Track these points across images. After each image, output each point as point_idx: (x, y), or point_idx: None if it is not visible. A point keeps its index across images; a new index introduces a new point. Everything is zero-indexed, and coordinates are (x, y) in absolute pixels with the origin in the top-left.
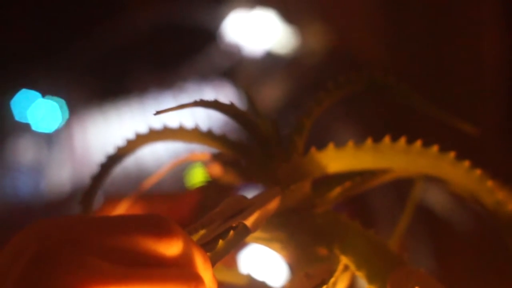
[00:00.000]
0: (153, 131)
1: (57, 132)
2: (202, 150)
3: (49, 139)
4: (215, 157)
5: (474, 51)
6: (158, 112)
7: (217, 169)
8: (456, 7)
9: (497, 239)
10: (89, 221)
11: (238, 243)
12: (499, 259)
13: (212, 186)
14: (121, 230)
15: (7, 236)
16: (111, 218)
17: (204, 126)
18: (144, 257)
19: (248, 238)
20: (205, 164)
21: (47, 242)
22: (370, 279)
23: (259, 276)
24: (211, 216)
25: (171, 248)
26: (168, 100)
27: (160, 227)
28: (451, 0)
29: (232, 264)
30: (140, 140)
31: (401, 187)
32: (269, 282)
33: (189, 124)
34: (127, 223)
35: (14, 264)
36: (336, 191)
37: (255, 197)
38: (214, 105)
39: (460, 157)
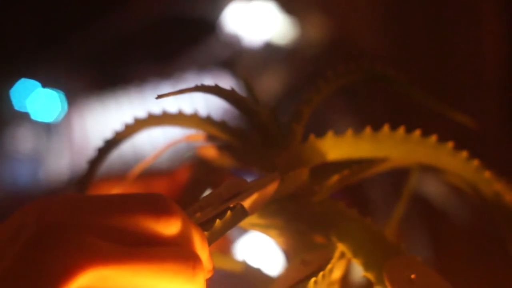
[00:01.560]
0: (152, 116)
1: (56, 121)
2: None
3: (48, 129)
4: (210, 139)
5: (475, 42)
6: (158, 96)
7: (211, 151)
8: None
9: (493, 229)
10: (89, 199)
11: (235, 224)
12: (495, 249)
13: (203, 166)
14: (120, 209)
15: None
16: (111, 196)
17: (202, 111)
18: (143, 236)
19: (246, 224)
20: (199, 145)
21: (46, 221)
22: (367, 267)
23: (254, 263)
24: (209, 197)
25: (170, 227)
26: (167, 90)
27: (159, 206)
28: None
29: (227, 250)
30: (138, 124)
31: (398, 176)
32: (264, 269)
33: (188, 110)
34: (126, 202)
35: (12, 243)
36: (334, 179)
37: (254, 181)
38: (214, 90)
39: (458, 147)
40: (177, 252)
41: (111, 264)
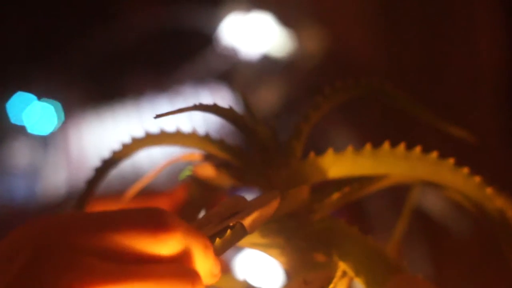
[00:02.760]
0: (150, 135)
1: (53, 134)
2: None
3: (44, 142)
4: (208, 158)
5: (471, 55)
6: (158, 116)
7: (209, 170)
8: (453, 12)
9: (494, 245)
10: (83, 217)
11: (235, 243)
12: (496, 265)
13: (199, 186)
14: (116, 227)
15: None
16: (106, 213)
17: (200, 129)
18: (139, 253)
19: (246, 243)
20: (197, 164)
21: (41, 243)
22: (369, 285)
23: (255, 282)
24: (209, 215)
25: (168, 242)
26: (164, 103)
27: (156, 222)
28: (448, 6)
29: (224, 270)
30: (136, 144)
31: (398, 192)
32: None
33: (186, 127)
34: (122, 219)
35: (8, 265)
36: (335, 196)
37: (254, 199)
38: (213, 109)
39: (459, 163)
40: (174, 270)
41: (106, 284)
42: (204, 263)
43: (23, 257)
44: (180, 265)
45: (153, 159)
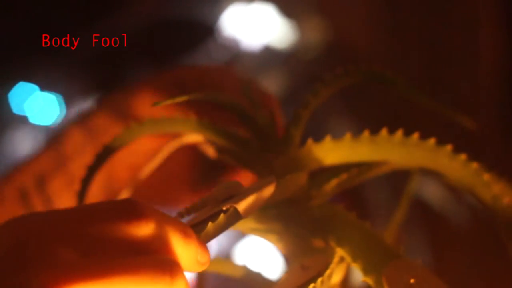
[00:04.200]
0: (150, 121)
1: (55, 125)
2: None
3: (46, 132)
4: (209, 142)
5: (472, 45)
6: (155, 104)
7: (210, 152)
8: (453, 2)
9: (493, 233)
10: (58, 213)
11: (228, 227)
12: (494, 253)
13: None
14: (90, 218)
15: None
16: (80, 207)
17: None
18: (116, 242)
19: (245, 228)
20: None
21: (20, 236)
22: (366, 271)
23: (255, 268)
24: (203, 199)
25: (142, 229)
26: None
27: (128, 210)
28: None
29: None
30: (137, 130)
31: (397, 180)
32: (265, 273)
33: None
34: (96, 210)
35: None
36: (333, 183)
37: (249, 185)
38: (212, 96)
39: (457, 150)
40: (150, 262)
41: (84, 280)
42: (185, 251)
43: (0, 252)
44: (157, 256)
45: None
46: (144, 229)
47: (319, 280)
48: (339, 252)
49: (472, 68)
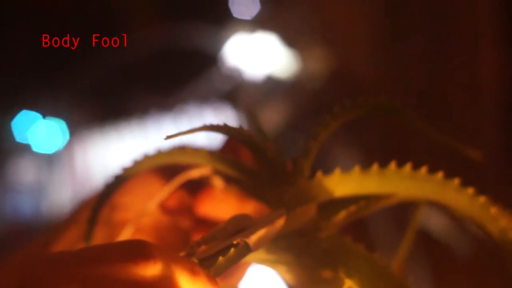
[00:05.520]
0: (161, 152)
1: (58, 153)
2: None
3: (49, 160)
4: (217, 172)
5: (474, 72)
6: (168, 137)
7: (219, 184)
8: (454, 30)
9: (498, 265)
10: (66, 253)
11: (238, 261)
12: (498, 284)
13: None
14: (99, 260)
15: (7, 257)
16: (87, 248)
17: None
18: (122, 284)
19: (254, 259)
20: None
21: (28, 277)
22: None
23: None
24: (214, 232)
25: (149, 270)
26: (168, 122)
27: (135, 252)
28: (449, 22)
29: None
30: (147, 160)
31: (402, 211)
32: None
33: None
34: (103, 251)
35: None
36: (342, 214)
37: (260, 217)
38: (223, 129)
39: (464, 183)
40: None
41: None
42: None
43: None
44: None
45: None
46: (151, 270)
47: None
48: (348, 283)
49: (474, 96)
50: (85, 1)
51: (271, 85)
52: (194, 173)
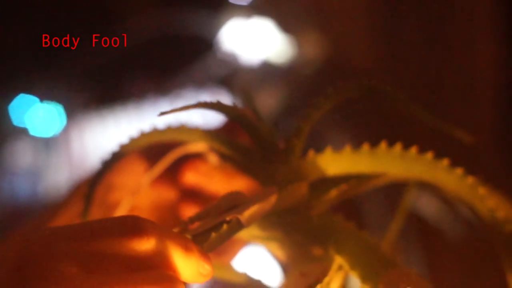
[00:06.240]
0: (156, 130)
1: (55, 137)
2: None
3: (46, 144)
4: (213, 151)
5: (469, 57)
6: (161, 114)
7: (214, 160)
8: (451, 17)
9: (487, 244)
10: (61, 229)
11: (230, 237)
12: (488, 264)
13: None
14: (93, 236)
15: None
16: (82, 223)
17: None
18: (117, 259)
19: (246, 235)
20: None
21: (24, 253)
22: (363, 279)
23: (255, 275)
24: (207, 209)
25: (143, 244)
26: (165, 106)
27: (130, 227)
28: (446, 10)
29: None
30: (143, 138)
31: (393, 192)
32: (265, 281)
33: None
34: (98, 227)
35: None
36: (333, 193)
37: (252, 194)
38: (216, 106)
39: (454, 164)
40: (152, 277)
41: None
42: (187, 264)
43: (4, 268)
44: (157, 272)
45: None
46: (145, 245)
47: (318, 287)
48: (338, 260)
49: (470, 81)
50: None
51: (267, 71)
52: (189, 148)
